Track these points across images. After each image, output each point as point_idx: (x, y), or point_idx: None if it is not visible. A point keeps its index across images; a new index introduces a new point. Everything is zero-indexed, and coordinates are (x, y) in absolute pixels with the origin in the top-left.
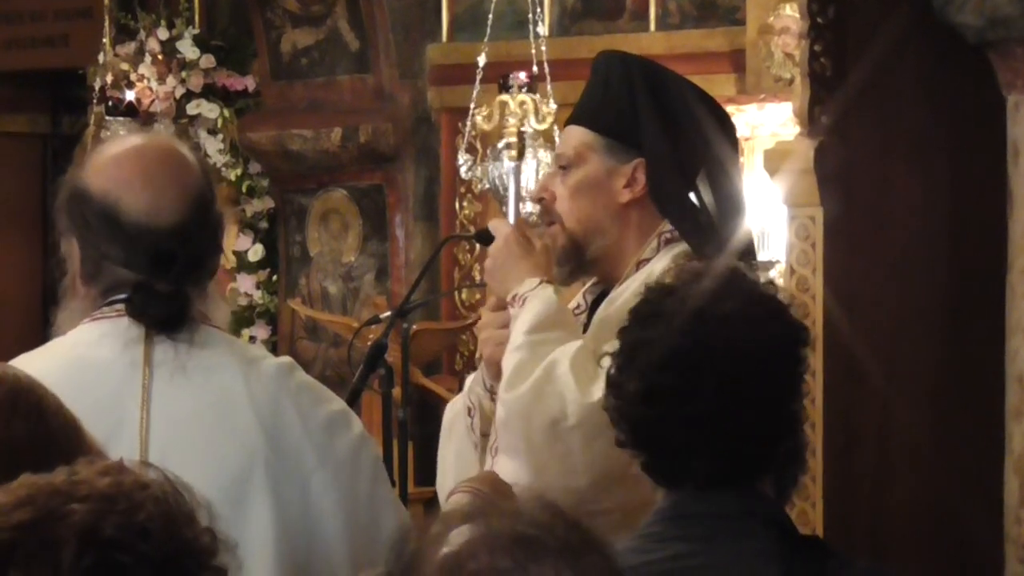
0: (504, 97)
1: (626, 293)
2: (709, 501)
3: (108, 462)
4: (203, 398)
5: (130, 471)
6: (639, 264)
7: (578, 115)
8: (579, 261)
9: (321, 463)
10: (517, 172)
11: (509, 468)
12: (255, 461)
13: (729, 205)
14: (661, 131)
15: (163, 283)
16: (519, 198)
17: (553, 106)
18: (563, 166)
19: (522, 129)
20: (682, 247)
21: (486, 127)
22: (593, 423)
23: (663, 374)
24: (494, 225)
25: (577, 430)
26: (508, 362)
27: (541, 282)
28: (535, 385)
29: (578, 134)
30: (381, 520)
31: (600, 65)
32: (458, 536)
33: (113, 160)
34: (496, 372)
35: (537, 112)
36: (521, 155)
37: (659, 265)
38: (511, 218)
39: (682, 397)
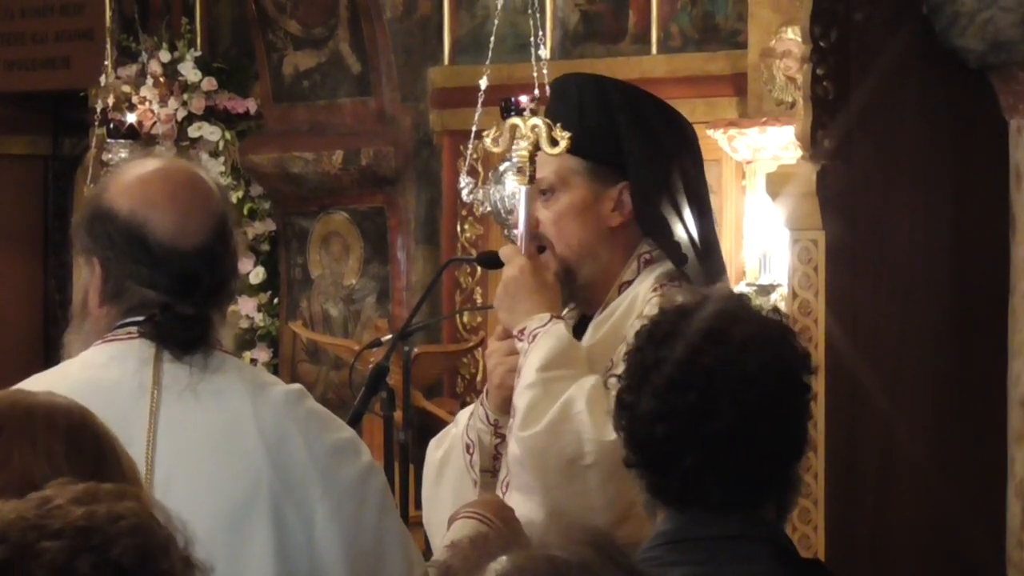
0: (515, 120)
1: (613, 316)
2: (711, 524)
3: (81, 487)
4: (210, 423)
5: (104, 497)
6: (621, 287)
7: None
8: (571, 287)
9: (326, 492)
10: (529, 197)
11: (522, 505)
12: (260, 488)
13: (707, 221)
14: (644, 153)
15: (187, 305)
16: (531, 224)
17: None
18: (543, 190)
19: (534, 153)
20: (662, 268)
21: (495, 150)
22: (610, 462)
23: (682, 393)
24: (506, 253)
25: (595, 469)
26: (521, 400)
27: (552, 318)
28: (551, 424)
29: (558, 158)
30: (386, 551)
31: (568, 88)
32: (497, 567)
33: (139, 181)
34: (504, 400)
35: (551, 136)
36: (532, 179)
37: (642, 287)
38: (521, 245)
39: (701, 416)
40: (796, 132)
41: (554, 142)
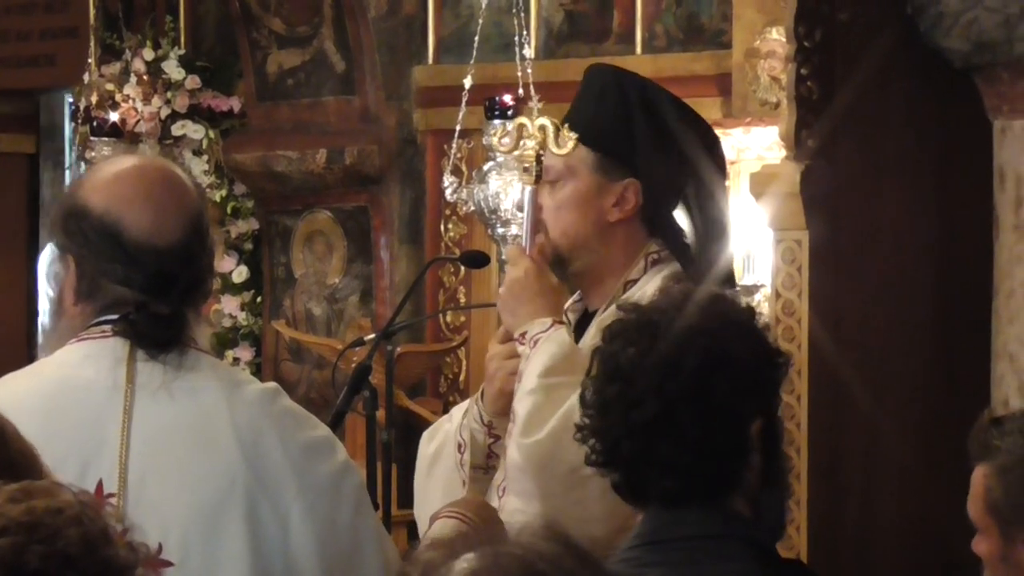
0: (523, 120)
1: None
2: (687, 523)
3: (14, 486)
4: (185, 421)
5: (40, 493)
6: (627, 285)
7: (570, 127)
8: (561, 274)
9: (301, 490)
10: (534, 197)
11: (519, 510)
12: (234, 486)
13: (715, 227)
14: (656, 152)
15: (162, 304)
16: (536, 225)
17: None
18: (551, 179)
19: (540, 153)
20: (670, 268)
21: (502, 150)
22: None
23: (611, 383)
24: (511, 255)
25: (596, 479)
26: (522, 406)
27: (554, 323)
28: (553, 432)
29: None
30: (362, 550)
31: (593, 79)
32: (463, 563)
33: (114, 178)
34: (505, 405)
35: (558, 137)
36: (539, 179)
37: (650, 287)
38: (527, 246)
39: (627, 405)
40: (780, 132)
41: (562, 142)
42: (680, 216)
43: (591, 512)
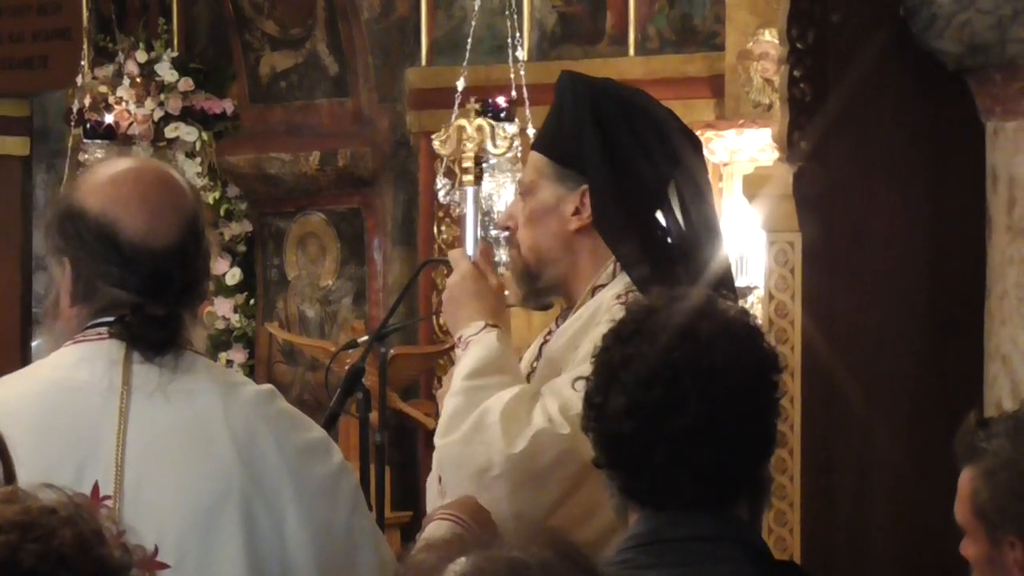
0: (462, 122)
1: (579, 322)
2: (685, 525)
3: (8, 488)
4: (180, 422)
5: (32, 495)
6: (594, 290)
7: (536, 141)
8: (533, 287)
9: (297, 492)
10: (475, 197)
11: None
12: (230, 488)
13: (690, 235)
14: (603, 157)
15: (158, 306)
16: (476, 225)
17: (511, 130)
18: (522, 193)
19: (479, 154)
20: (636, 273)
21: (443, 151)
22: (518, 474)
23: (650, 388)
24: (453, 257)
25: (502, 480)
26: (446, 407)
27: (486, 326)
28: (465, 433)
29: (535, 160)
30: (358, 552)
31: (558, 88)
32: (454, 567)
33: (110, 180)
34: None
35: (494, 137)
36: (479, 180)
37: (608, 294)
38: (469, 246)
39: (668, 411)
40: (773, 134)
41: (499, 142)
42: (645, 224)
43: (502, 512)
